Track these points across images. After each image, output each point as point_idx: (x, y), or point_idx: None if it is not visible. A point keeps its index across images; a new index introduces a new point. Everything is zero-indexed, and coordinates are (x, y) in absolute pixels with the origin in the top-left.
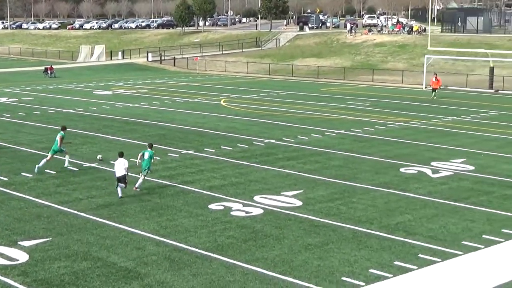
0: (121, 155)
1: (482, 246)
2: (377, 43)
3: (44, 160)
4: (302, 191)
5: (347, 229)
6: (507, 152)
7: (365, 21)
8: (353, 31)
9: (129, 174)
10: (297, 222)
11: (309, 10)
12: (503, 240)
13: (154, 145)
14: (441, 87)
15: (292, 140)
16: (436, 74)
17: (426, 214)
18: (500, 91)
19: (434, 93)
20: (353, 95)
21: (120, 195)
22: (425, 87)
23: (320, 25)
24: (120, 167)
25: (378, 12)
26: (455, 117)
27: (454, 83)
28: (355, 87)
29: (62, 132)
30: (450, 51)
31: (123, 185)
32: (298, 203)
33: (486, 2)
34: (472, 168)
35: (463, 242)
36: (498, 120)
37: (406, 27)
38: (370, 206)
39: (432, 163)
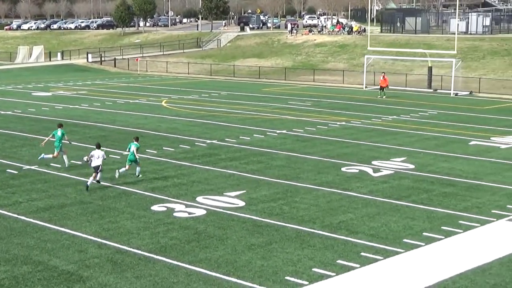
0: (98, 146)
1: (423, 244)
2: (317, 43)
3: (49, 156)
4: (245, 191)
5: (290, 228)
6: (446, 150)
7: (306, 22)
8: (294, 31)
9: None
10: (240, 222)
11: (249, 11)
12: (443, 237)
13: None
14: (388, 86)
15: (234, 140)
16: (384, 73)
17: (368, 213)
18: (438, 90)
19: (381, 92)
20: (295, 95)
21: (98, 179)
22: (365, 87)
23: (261, 25)
24: (95, 158)
25: (318, 12)
26: (395, 117)
27: (394, 82)
28: (296, 87)
29: (60, 129)
30: (389, 51)
31: (100, 174)
32: (241, 203)
33: (424, 2)
34: (412, 166)
35: (404, 240)
36: (437, 119)
37: (346, 28)
38: (313, 205)
39: (373, 162)
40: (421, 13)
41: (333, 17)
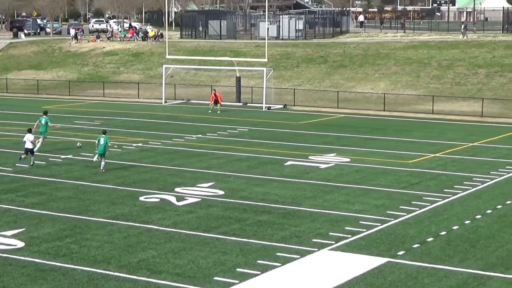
0: (29, 131)
1: (236, 281)
2: (107, 51)
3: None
4: (24, 229)
5: (80, 271)
6: (259, 172)
7: (92, 26)
8: (78, 37)
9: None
10: (19, 267)
11: (24, 14)
12: (258, 272)
13: None
14: (217, 102)
15: (10, 168)
16: (215, 90)
17: (172, 248)
18: (249, 104)
19: (216, 106)
20: (81, 113)
21: (31, 163)
22: (165, 102)
23: (39, 31)
24: (28, 141)
25: (107, 15)
26: (200, 135)
27: (198, 96)
28: (83, 103)
29: (45, 116)
30: (191, 60)
31: (32, 157)
32: (20, 244)
33: (229, 4)
34: (221, 192)
35: (215, 278)
36: (248, 137)
37: (140, 33)
38: (107, 242)
39: (177, 189)
40: (226, 16)
41: (125, 20)
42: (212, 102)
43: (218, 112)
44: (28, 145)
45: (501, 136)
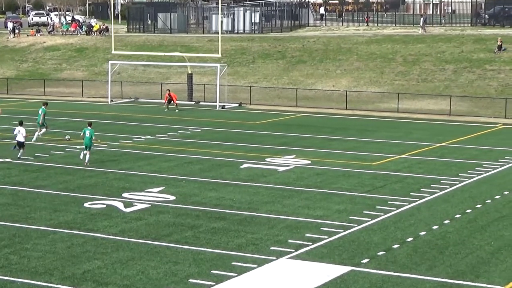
0: (20, 123)
1: None
2: (48, 46)
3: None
4: None
5: (20, 284)
6: (213, 176)
7: (32, 19)
8: (16, 31)
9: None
10: None
11: None
12: (213, 283)
13: None
14: (171, 102)
15: None
16: (169, 90)
17: (120, 258)
18: (201, 103)
19: (173, 106)
20: (21, 113)
21: (19, 155)
22: (111, 101)
23: None
24: (20, 134)
25: (48, 8)
26: (149, 137)
27: (147, 94)
28: (23, 103)
29: (43, 108)
30: (139, 55)
31: (22, 150)
32: None
33: None
34: (172, 198)
35: None
36: (201, 138)
37: (84, 26)
38: (49, 252)
39: (124, 195)
40: (177, 9)
41: (67, 13)
42: (166, 101)
43: (176, 111)
44: (20, 138)
45: (470, 136)
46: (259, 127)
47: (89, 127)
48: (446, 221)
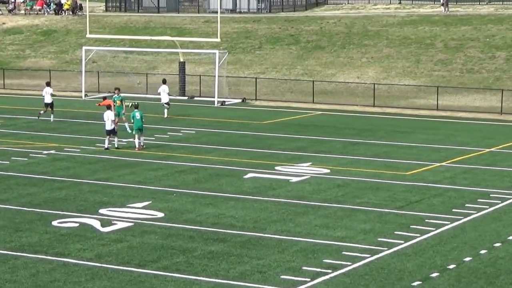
0: (109, 107)
1: None
2: (8, 28)
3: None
4: None
5: None
6: (210, 188)
7: None
8: None
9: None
10: None
11: None
12: None
13: None
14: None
15: None
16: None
17: None
18: (196, 98)
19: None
20: None
21: (106, 146)
22: (86, 95)
23: None
24: (109, 121)
25: None
26: (131, 139)
27: (129, 87)
28: None
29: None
30: (120, 40)
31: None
32: None
33: None
34: (161, 215)
35: None
36: (196, 141)
37: (52, 4)
38: (9, 282)
39: (102, 211)
40: None
41: None
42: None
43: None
44: (108, 126)
45: None
46: (267, 128)
47: (137, 110)
48: (497, 244)
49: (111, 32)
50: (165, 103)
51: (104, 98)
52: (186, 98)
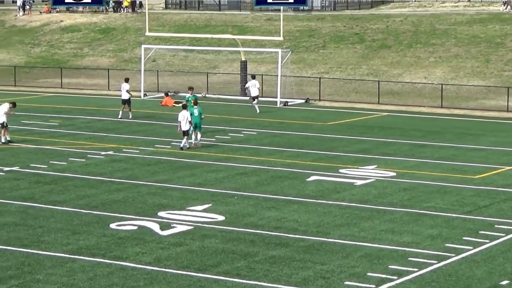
0: (184, 107)
1: None
2: (66, 26)
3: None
4: None
5: None
6: (271, 191)
7: None
8: (27, 7)
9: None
10: None
11: None
12: None
13: None
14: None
15: None
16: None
17: None
18: (258, 98)
19: None
20: (32, 109)
21: (187, 146)
22: (145, 95)
23: None
24: (185, 121)
25: None
26: (190, 140)
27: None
28: (34, 97)
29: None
30: (180, 38)
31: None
32: None
33: None
34: (221, 218)
35: None
36: (256, 142)
37: (110, 1)
38: (66, 285)
39: (161, 214)
40: None
41: None
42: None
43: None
44: (184, 126)
45: None
46: (331, 130)
47: (195, 106)
48: None
49: (170, 30)
50: (253, 97)
51: (166, 94)
52: (247, 98)
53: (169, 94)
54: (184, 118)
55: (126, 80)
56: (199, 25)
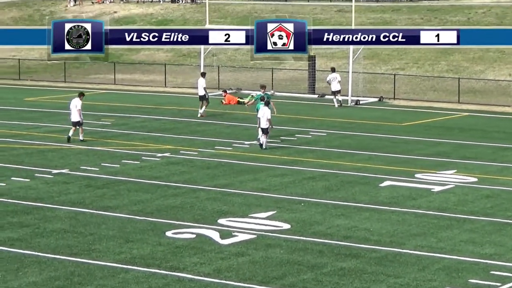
0: (267, 103)
1: None
2: (120, 18)
3: None
4: None
5: None
6: (341, 197)
7: None
8: None
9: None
10: None
11: None
12: None
13: None
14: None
15: None
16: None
17: None
18: (327, 96)
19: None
20: (83, 107)
21: (264, 146)
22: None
23: None
24: (264, 118)
25: None
26: (254, 142)
27: (252, 84)
28: (86, 94)
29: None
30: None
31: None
32: None
33: None
34: (287, 226)
35: None
36: (325, 144)
37: None
38: None
39: (221, 221)
40: None
41: None
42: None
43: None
44: (264, 124)
45: None
46: (406, 131)
47: (262, 103)
48: None
49: (233, 22)
50: (336, 91)
51: (225, 92)
52: (316, 96)
53: (228, 91)
54: (263, 115)
55: (203, 75)
56: (263, 17)
